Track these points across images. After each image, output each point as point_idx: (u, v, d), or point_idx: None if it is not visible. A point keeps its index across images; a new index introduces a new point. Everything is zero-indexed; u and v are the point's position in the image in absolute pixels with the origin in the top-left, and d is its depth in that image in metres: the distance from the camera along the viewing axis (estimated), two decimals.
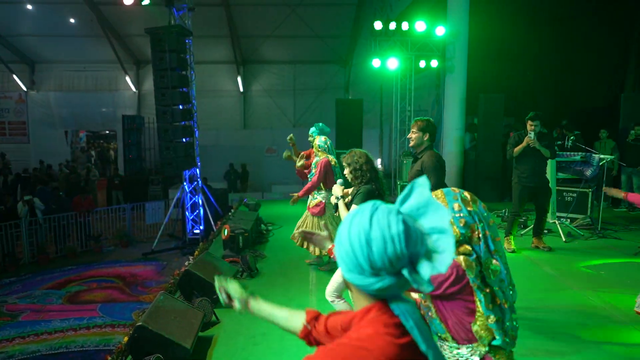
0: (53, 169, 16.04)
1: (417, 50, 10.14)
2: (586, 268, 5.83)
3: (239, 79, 18.64)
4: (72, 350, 6.85)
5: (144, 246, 11.61)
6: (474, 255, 2.01)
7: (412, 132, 4.24)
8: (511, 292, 2.03)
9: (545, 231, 7.30)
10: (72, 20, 15.87)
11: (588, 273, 5.66)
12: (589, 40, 10.66)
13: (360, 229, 1.11)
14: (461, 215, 2.00)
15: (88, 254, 11.22)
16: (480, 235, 2.03)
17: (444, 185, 4.10)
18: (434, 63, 10.13)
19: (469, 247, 2.03)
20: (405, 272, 1.08)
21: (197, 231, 11.13)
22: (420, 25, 9.83)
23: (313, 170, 5.79)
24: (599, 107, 11.04)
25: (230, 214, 8.83)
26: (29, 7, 14.70)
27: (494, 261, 2.03)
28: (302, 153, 6.65)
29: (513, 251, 6.34)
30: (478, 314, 1.97)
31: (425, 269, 1.09)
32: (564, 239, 6.93)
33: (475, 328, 1.97)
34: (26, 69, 18.36)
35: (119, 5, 15.32)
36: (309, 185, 5.65)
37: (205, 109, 15.83)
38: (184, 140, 10.27)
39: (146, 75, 18.36)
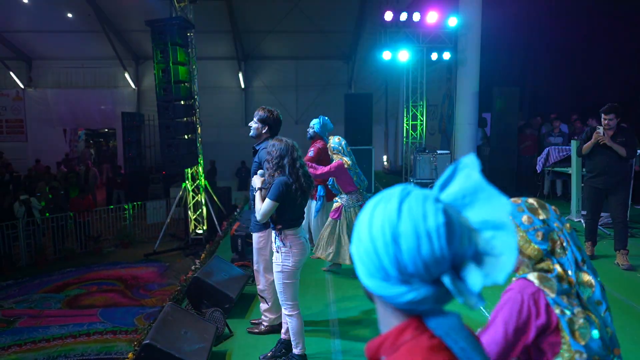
0: (51, 171, 15.63)
1: (429, 42, 9.76)
2: None
3: (241, 75, 18.26)
4: (72, 358, 6.49)
5: (145, 246, 11.25)
6: (555, 272, 1.64)
7: None
8: (610, 318, 1.66)
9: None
10: (69, 15, 15.45)
11: None
12: (608, 32, 10.27)
13: (385, 220, 0.83)
14: (536, 227, 1.63)
15: (88, 255, 10.85)
16: (564, 244, 1.65)
17: None
18: (446, 55, 9.75)
19: (550, 263, 1.66)
20: (446, 280, 0.82)
21: (200, 231, 10.76)
22: (431, 16, 9.46)
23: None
24: (617, 103, 10.65)
25: (236, 213, 8.45)
26: (25, 0, 14.26)
27: (584, 275, 1.66)
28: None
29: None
30: (564, 347, 1.59)
31: (475, 278, 0.82)
32: None
33: None
34: (23, 65, 17.94)
35: None
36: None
37: (206, 105, 15.43)
38: (186, 137, 9.91)
39: (146, 72, 17.95)
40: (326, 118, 6.00)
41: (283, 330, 3.71)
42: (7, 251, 9.84)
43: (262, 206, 3.31)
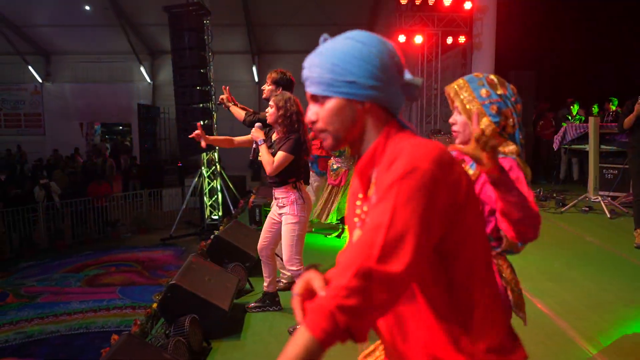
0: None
1: (444, 26, 9.76)
2: None
3: (254, 69, 18.37)
4: (92, 330, 6.59)
5: (161, 233, 11.36)
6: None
7: None
8: None
9: (586, 208, 6.91)
10: (87, 8, 15.67)
11: None
12: (630, 15, 10.15)
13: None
14: (492, 100, 1.70)
15: (105, 240, 10.99)
16: (515, 121, 1.74)
17: None
18: (462, 39, 9.75)
19: (518, 148, 1.75)
20: (407, 76, 1.14)
21: (216, 217, 10.84)
22: (446, 0, 9.46)
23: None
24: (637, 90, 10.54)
25: (254, 191, 8.52)
26: None
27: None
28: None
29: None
30: None
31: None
32: (608, 215, 6.53)
33: None
34: (41, 60, 18.21)
35: None
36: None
37: (219, 99, 15.50)
38: (202, 123, 9.99)
39: (161, 66, 18.13)
40: None
41: (266, 284, 3.74)
42: (28, 234, 10.01)
43: (276, 158, 3.33)
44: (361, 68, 1.09)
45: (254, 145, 3.57)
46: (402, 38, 9.89)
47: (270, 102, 3.46)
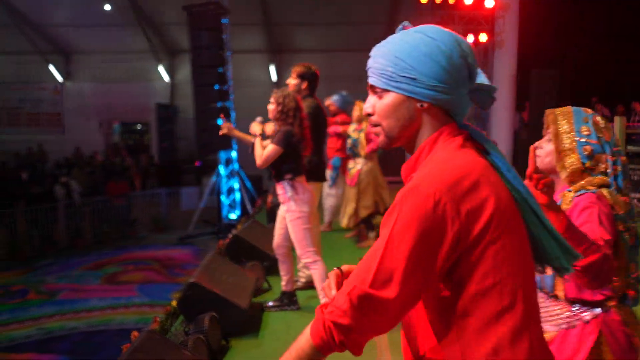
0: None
1: (465, 24, 9.63)
2: None
3: (272, 69, 18.37)
4: (111, 328, 6.63)
5: (179, 232, 11.40)
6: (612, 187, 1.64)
7: None
8: None
9: None
10: (107, 7, 15.83)
11: None
12: None
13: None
14: (589, 141, 1.62)
15: (123, 239, 11.08)
16: (610, 169, 1.62)
17: None
18: (483, 37, 9.61)
19: (606, 178, 1.64)
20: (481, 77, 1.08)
21: (233, 216, 10.85)
22: None
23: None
24: None
25: (270, 190, 8.48)
26: None
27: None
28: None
29: None
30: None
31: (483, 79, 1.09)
32: None
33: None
34: (62, 59, 18.45)
35: None
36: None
37: (237, 99, 15.60)
38: (220, 121, 10.01)
39: (179, 65, 18.23)
40: (344, 93, 6.07)
41: (284, 282, 3.72)
42: (48, 232, 10.13)
43: (265, 151, 3.37)
44: (426, 65, 1.02)
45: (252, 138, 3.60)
46: None
47: (271, 99, 3.53)
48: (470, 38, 9.82)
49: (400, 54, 1.04)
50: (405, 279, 0.91)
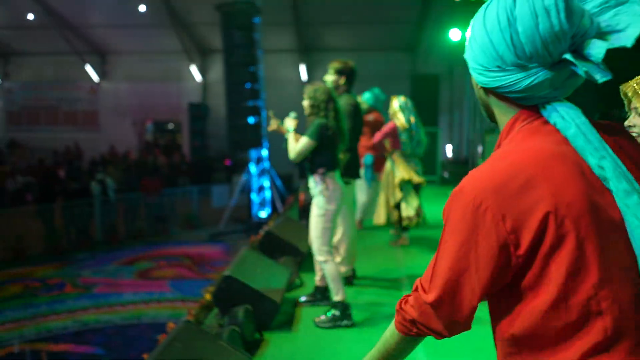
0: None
1: None
2: None
3: (302, 68, 18.41)
4: (144, 322, 6.76)
5: (210, 229, 11.56)
6: None
7: None
8: None
9: None
10: (141, 9, 16.15)
11: None
12: None
13: (499, 9, 0.84)
14: None
15: (156, 235, 11.28)
16: None
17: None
18: None
19: None
20: (567, 56, 0.81)
21: (263, 214, 10.93)
22: None
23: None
24: None
25: (301, 186, 8.49)
26: None
27: None
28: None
29: None
30: None
31: (598, 48, 0.80)
32: None
33: None
34: (98, 59, 18.92)
35: None
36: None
37: (268, 98, 15.71)
38: (251, 120, 10.10)
39: (211, 65, 18.47)
40: (377, 90, 5.99)
41: (318, 277, 3.72)
42: (84, 227, 10.40)
43: (297, 144, 3.36)
44: (475, 43, 0.90)
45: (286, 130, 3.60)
46: (456, 34, 9.63)
47: (304, 95, 3.52)
48: None
49: (472, 24, 0.94)
50: (448, 287, 0.87)
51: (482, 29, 0.88)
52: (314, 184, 3.42)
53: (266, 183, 10.97)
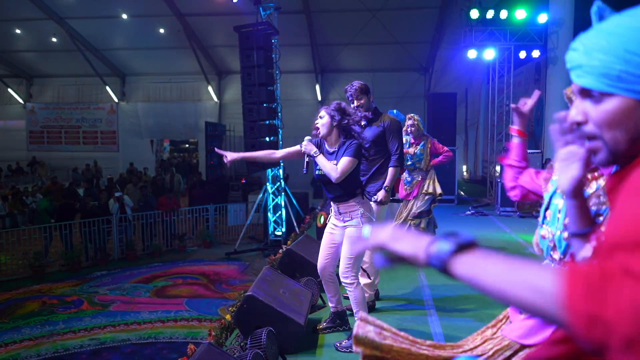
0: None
1: (517, 40, 9.43)
2: None
3: (317, 88, 18.55)
4: (161, 341, 6.71)
5: (226, 247, 11.54)
6: None
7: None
8: None
9: None
10: (161, 31, 16.48)
11: None
12: None
13: None
14: None
15: (172, 253, 11.30)
16: None
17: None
18: (536, 53, 9.37)
19: None
20: None
21: (279, 233, 10.89)
22: (520, 13, 9.15)
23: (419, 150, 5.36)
24: None
25: (320, 204, 8.48)
26: (124, 16, 15.42)
27: None
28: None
29: None
30: None
31: None
32: None
33: None
34: (118, 81, 19.30)
35: (204, 16, 15.83)
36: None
37: (284, 117, 15.79)
38: (268, 139, 10.14)
39: (227, 85, 18.72)
40: (395, 111, 5.99)
41: (333, 304, 3.60)
42: (102, 244, 10.45)
43: (340, 163, 3.15)
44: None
45: (306, 159, 3.35)
46: (472, 54, 9.64)
47: (321, 113, 3.35)
48: (522, 54, 9.62)
49: (634, 45, 0.81)
50: None
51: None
52: (352, 208, 3.25)
53: (282, 202, 10.96)
